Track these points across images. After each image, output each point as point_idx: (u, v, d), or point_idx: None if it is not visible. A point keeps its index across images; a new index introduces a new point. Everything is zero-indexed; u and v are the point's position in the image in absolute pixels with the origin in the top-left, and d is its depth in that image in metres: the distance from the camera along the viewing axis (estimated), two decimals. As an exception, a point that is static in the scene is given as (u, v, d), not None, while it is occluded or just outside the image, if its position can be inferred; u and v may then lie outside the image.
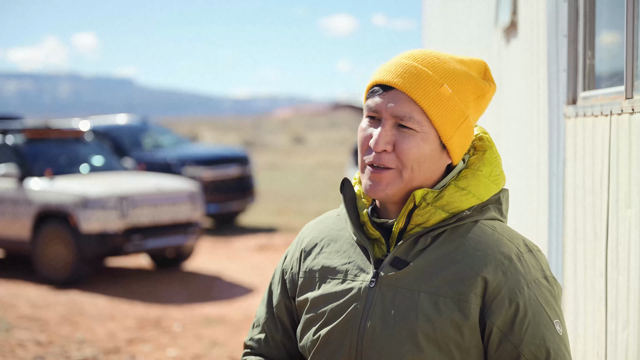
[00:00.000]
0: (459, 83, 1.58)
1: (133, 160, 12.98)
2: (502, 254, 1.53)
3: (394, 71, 1.57)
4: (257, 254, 11.00)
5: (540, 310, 1.52)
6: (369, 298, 1.57)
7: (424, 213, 1.57)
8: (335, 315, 1.60)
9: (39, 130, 10.27)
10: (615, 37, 3.00)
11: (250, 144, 41.07)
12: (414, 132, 1.55)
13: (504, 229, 1.60)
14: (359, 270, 1.61)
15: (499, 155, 1.67)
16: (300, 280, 1.71)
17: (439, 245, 1.56)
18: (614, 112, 2.53)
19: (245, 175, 13.97)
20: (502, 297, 1.50)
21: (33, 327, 6.97)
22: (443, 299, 1.51)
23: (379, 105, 1.57)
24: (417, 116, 1.55)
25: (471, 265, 1.52)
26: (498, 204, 1.63)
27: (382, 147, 1.55)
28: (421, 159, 1.56)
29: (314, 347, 1.64)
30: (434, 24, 7.49)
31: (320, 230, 1.75)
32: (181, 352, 6.31)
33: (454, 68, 1.59)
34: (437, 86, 1.55)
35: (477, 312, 1.51)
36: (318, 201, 17.07)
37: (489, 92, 1.63)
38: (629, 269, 2.38)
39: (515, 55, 4.20)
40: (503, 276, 1.51)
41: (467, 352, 1.51)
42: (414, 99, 1.54)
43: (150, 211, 9.15)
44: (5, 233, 9.42)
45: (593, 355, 2.74)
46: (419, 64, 1.57)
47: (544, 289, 1.54)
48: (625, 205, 2.41)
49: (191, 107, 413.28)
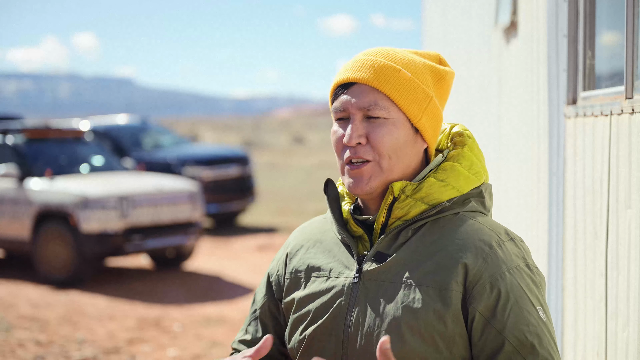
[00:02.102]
0: (416, 67, 1.61)
1: (133, 160, 12.98)
2: (483, 242, 1.54)
3: (352, 68, 1.61)
4: (257, 254, 11.00)
5: (523, 295, 1.51)
6: (353, 294, 1.58)
7: (404, 206, 1.58)
8: (320, 313, 1.61)
9: (39, 130, 10.27)
10: (615, 37, 3.00)
11: (250, 144, 41.07)
12: (383, 120, 1.57)
13: (486, 219, 1.61)
14: (343, 268, 1.62)
15: (480, 150, 1.68)
16: (286, 282, 1.72)
17: (420, 237, 1.57)
18: (614, 112, 2.53)
19: (245, 175, 13.97)
20: (484, 283, 1.50)
21: (33, 327, 6.98)
22: (425, 288, 1.51)
23: (344, 103, 1.59)
24: (382, 102, 1.57)
25: (451, 254, 1.53)
26: (480, 197, 1.64)
27: (356, 139, 1.57)
28: (396, 146, 1.58)
29: (301, 347, 1.64)
30: (434, 24, 7.49)
31: (307, 233, 1.76)
32: (181, 352, 6.31)
33: (408, 56, 1.63)
34: (395, 71, 1.58)
35: (459, 299, 1.51)
36: (318, 201, 17.07)
37: (446, 75, 1.66)
38: (629, 269, 2.38)
39: (515, 55, 4.20)
40: (483, 262, 1.51)
41: (451, 341, 1.51)
42: (376, 88, 1.57)
43: (150, 211, 9.15)
44: (5, 233, 9.42)
45: (593, 355, 2.74)
46: (374, 57, 1.61)
47: (525, 275, 1.54)
48: (625, 205, 2.41)
49: (191, 107, 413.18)
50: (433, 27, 7.57)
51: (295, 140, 46.82)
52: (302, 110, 48.31)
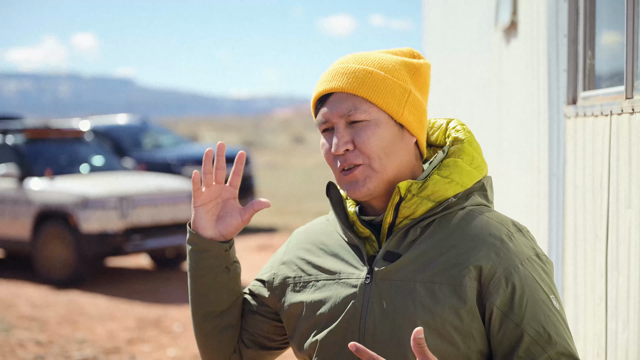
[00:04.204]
0: (388, 65, 1.62)
1: (133, 160, 12.98)
2: (493, 236, 1.55)
3: (327, 79, 1.62)
4: (257, 254, 11.00)
5: (536, 287, 1.54)
6: (366, 295, 1.58)
7: (411, 204, 1.59)
8: (334, 316, 1.60)
9: (39, 130, 10.27)
10: (615, 37, 3.00)
11: (250, 144, 41.06)
12: (365, 122, 1.58)
13: (492, 212, 1.62)
14: (352, 269, 1.62)
15: (478, 143, 1.69)
16: (290, 285, 1.71)
17: (430, 234, 1.58)
18: (614, 112, 2.53)
19: (246, 175, 13.97)
20: (499, 278, 1.52)
21: (33, 327, 6.98)
22: (439, 286, 1.52)
23: (326, 114, 1.61)
24: (362, 106, 1.58)
25: (463, 250, 1.54)
26: (483, 191, 1.65)
27: (343, 147, 1.58)
28: (383, 145, 1.58)
29: (314, 351, 1.63)
30: (434, 24, 7.49)
31: (310, 235, 1.76)
32: (181, 352, 6.31)
33: (380, 57, 1.64)
34: (367, 73, 1.59)
35: (475, 295, 1.52)
36: (318, 201, 17.06)
37: (421, 67, 1.66)
38: (629, 269, 2.38)
39: (515, 55, 4.20)
40: (496, 257, 1.53)
41: (468, 336, 1.52)
42: (352, 93, 1.58)
43: (150, 211, 9.15)
44: (5, 233, 9.42)
45: (593, 355, 2.74)
46: (346, 64, 1.62)
47: (537, 266, 1.56)
48: (625, 205, 2.41)
49: (191, 107, 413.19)
50: (433, 28, 7.57)
51: (295, 140, 46.82)
52: (302, 110, 48.35)
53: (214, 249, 1.69)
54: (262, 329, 1.78)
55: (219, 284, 1.73)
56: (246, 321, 1.79)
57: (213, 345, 1.78)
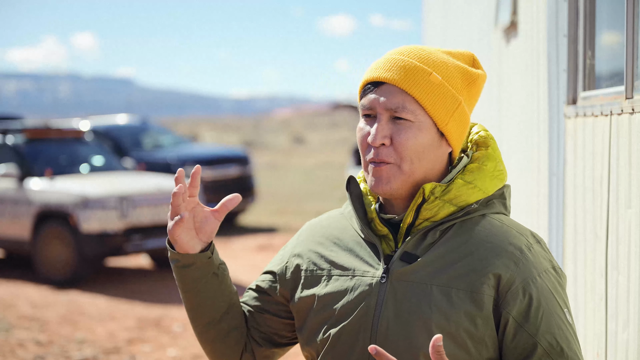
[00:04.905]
0: (448, 71, 1.60)
1: (133, 160, 12.98)
2: (513, 245, 1.55)
3: (383, 67, 1.59)
4: (257, 254, 10.99)
5: (552, 299, 1.54)
6: (381, 294, 1.57)
7: (433, 207, 1.58)
8: (346, 312, 1.60)
9: (39, 130, 10.27)
10: (615, 37, 3.00)
11: (250, 144, 41.07)
12: (409, 122, 1.56)
13: (511, 222, 1.62)
14: (367, 267, 1.61)
15: (499, 151, 1.69)
16: (302, 277, 1.70)
17: (449, 238, 1.57)
18: (614, 112, 2.53)
19: (245, 175, 13.97)
20: (517, 288, 1.52)
21: (33, 327, 6.98)
22: (456, 291, 1.52)
23: (372, 101, 1.58)
24: (410, 106, 1.56)
25: (482, 257, 1.54)
26: (502, 199, 1.65)
27: (380, 140, 1.56)
28: (419, 150, 1.57)
29: (324, 346, 1.63)
30: (434, 24, 7.50)
31: (324, 228, 1.74)
32: (181, 352, 6.31)
33: (441, 58, 1.61)
34: (426, 75, 1.57)
35: (491, 303, 1.52)
36: (318, 201, 17.07)
37: (478, 78, 1.64)
38: (629, 269, 2.38)
39: (515, 55, 4.20)
40: (515, 267, 1.53)
41: (481, 342, 1.52)
42: (405, 90, 1.56)
43: (150, 211, 9.16)
44: (5, 233, 9.42)
45: (593, 355, 2.74)
46: (406, 57, 1.59)
47: (553, 278, 1.57)
48: (625, 205, 2.41)
49: (191, 107, 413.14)
50: (433, 28, 7.58)
51: (295, 140, 46.82)
52: (302, 110, 48.41)
53: (197, 261, 1.70)
54: (272, 327, 1.78)
55: (212, 291, 1.72)
56: (256, 320, 1.78)
57: (222, 351, 1.78)
